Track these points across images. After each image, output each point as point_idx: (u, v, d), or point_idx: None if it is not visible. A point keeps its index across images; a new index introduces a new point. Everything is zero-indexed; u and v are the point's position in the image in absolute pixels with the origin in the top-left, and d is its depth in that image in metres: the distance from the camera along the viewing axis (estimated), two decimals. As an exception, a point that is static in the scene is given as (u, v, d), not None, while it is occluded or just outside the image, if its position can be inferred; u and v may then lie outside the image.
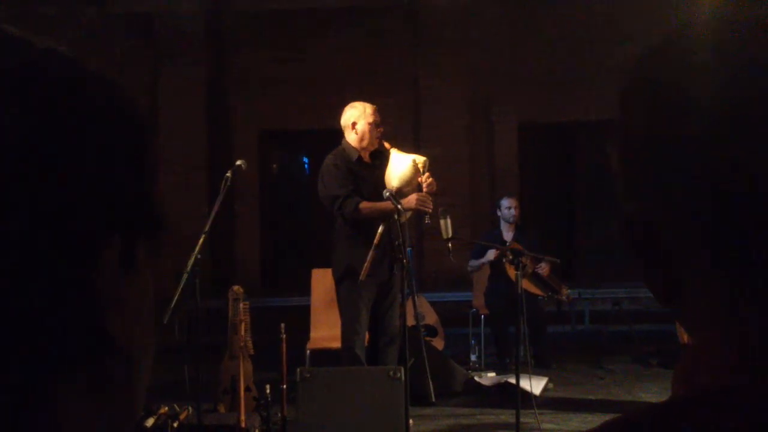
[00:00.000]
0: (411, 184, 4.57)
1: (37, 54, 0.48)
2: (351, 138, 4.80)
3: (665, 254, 0.57)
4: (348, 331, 4.69)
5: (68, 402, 0.46)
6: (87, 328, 0.46)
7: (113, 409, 0.49)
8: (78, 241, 0.45)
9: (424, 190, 4.56)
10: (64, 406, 0.46)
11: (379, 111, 4.84)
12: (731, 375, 0.52)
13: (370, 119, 4.74)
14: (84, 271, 0.46)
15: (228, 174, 4.40)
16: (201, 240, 4.16)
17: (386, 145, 4.76)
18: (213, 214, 4.30)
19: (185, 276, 4.05)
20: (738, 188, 0.52)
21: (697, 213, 0.54)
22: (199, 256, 4.12)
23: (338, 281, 4.77)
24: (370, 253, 4.35)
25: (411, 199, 4.50)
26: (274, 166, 10.62)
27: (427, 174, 4.58)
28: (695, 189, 0.54)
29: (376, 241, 4.36)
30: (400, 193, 4.50)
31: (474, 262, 7.04)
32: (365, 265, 4.33)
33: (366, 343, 4.80)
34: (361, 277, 4.36)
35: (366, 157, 4.82)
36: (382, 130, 4.81)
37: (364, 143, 4.77)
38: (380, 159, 4.79)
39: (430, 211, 4.53)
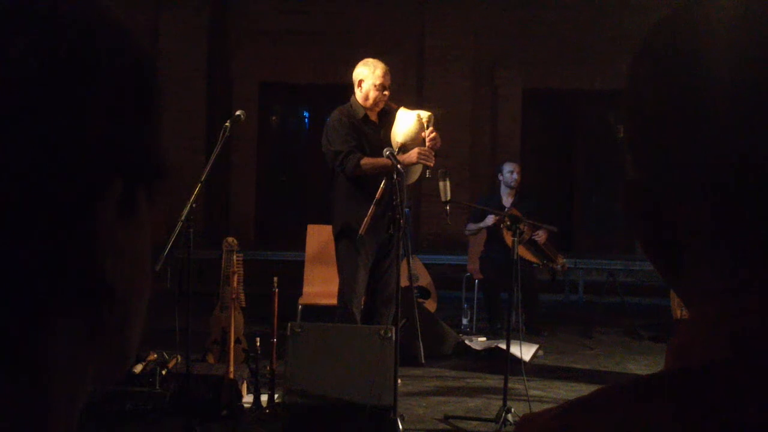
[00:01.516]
0: (415, 140, 4.53)
1: None
2: (357, 95, 4.75)
3: (667, 226, 0.56)
4: (345, 290, 4.68)
5: (60, 346, 0.46)
6: (84, 272, 0.46)
7: (106, 354, 0.49)
8: (80, 185, 0.45)
9: (428, 145, 4.51)
10: (55, 350, 0.46)
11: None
12: (728, 351, 0.52)
13: (377, 81, 4.68)
14: (84, 216, 0.45)
15: (227, 124, 4.32)
16: (197, 189, 4.10)
17: (394, 106, 4.70)
18: (210, 163, 4.24)
19: (179, 224, 4.00)
20: (747, 164, 0.52)
21: (703, 188, 0.54)
22: (194, 205, 4.07)
23: (337, 238, 4.74)
24: (371, 208, 4.30)
25: (412, 154, 4.46)
26: (274, 118, 10.53)
27: (430, 129, 4.53)
28: (703, 163, 0.53)
29: (378, 196, 4.32)
30: (404, 148, 4.47)
31: (472, 226, 7.01)
32: (365, 219, 4.29)
33: (363, 302, 4.79)
34: (361, 231, 4.32)
35: (373, 116, 4.77)
36: (388, 93, 4.73)
37: (368, 103, 4.72)
38: (387, 119, 4.73)
39: (432, 165, 4.49)
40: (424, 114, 4.56)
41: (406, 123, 4.55)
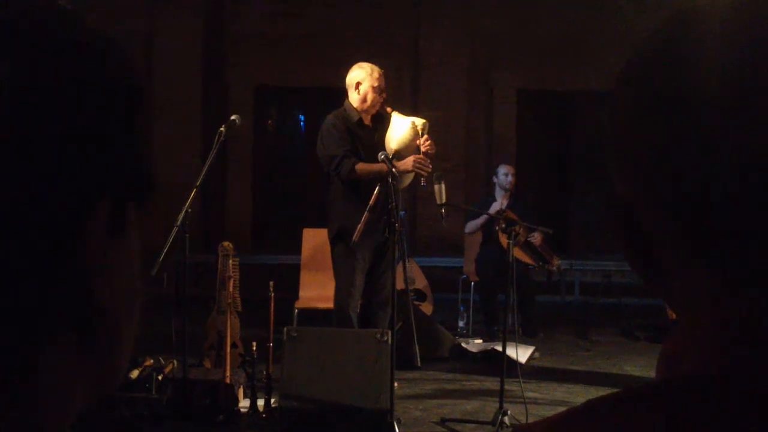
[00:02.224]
0: (410, 147, 4.54)
1: (36, 6, 0.46)
2: (353, 98, 4.77)
3: (647, 236, 0.56)
4: (342, 293, 4.68)
5: (50, 365, 0.46)
6: (73, 291, 0.46)
7: (96, 372, 0.49)
8: (68, 204, 0.45)
9: (423, 150, 4.53)
10: (45, 369, 0.46)
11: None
12: (715, 363, 0.52)
13: (375, 83, 4.70)
14: (72, 234, 0.45)
15: (222, 128, 4.33)
16: (192, 193, 4.12)
17: (388, 109, 4.72)
18: (206, 167, 4.25)
19: (175, 229, 4.01)
20: (726, 175, 0.52)
21: (681, 199, 0.53)
22: (189, 210, 4.08)
23: (333, 242, 4.75)
24: (365, 214, 4.32)
25: (407, 162, 4.48)
26: (269, 122, 10.53)
27: (425, 137, 4.55)
28: (681, 174, 0.53)
29: (371, 202, 4.33)
30: (398, 155, 4.48)
31: (472, 222, 7.01)
32: (359, 226, 4.30)
33: (359, 306, 4.79)
34: (355, 238, 4.33)
35: (367, 119, 4.78)
36: (385, 95, 4.76)
37: (365, 106, 4.74)
38: (381, 122, 4.75)
39: (425, 174, 4.50)
40: (419, 121, 4.58)
41: (401, 130, 4.57)
